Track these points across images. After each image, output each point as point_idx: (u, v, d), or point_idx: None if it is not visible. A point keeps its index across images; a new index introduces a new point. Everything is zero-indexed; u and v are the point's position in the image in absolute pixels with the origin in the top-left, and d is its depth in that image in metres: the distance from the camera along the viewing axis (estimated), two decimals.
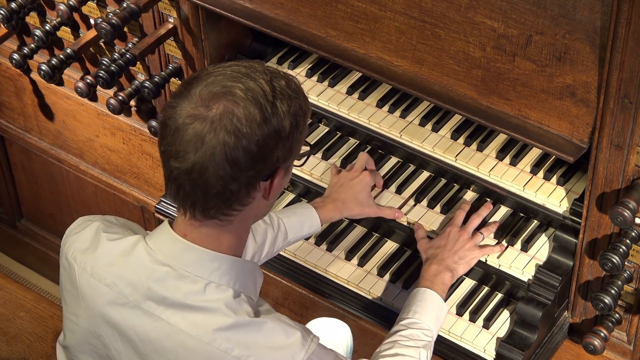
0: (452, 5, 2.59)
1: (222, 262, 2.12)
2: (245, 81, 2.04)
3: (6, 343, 3.24)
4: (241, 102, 2.01)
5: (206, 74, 2.07)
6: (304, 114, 2.10)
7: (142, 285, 2.11)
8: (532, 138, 2.57)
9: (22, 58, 3.33)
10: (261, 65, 2.10)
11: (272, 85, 2.05)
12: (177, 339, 2.09)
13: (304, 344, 2.10)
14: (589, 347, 2.63)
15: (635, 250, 2.56)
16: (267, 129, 2.02)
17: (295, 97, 2.08)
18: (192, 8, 3.03)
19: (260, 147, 2.01)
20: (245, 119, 2.00)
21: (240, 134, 1.99)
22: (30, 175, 4.11)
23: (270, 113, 2.02)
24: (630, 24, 2.23)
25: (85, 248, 2.20)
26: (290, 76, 2.14)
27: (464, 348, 2.74)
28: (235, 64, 2.09)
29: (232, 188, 2.03)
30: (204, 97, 2.01)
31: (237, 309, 2.09)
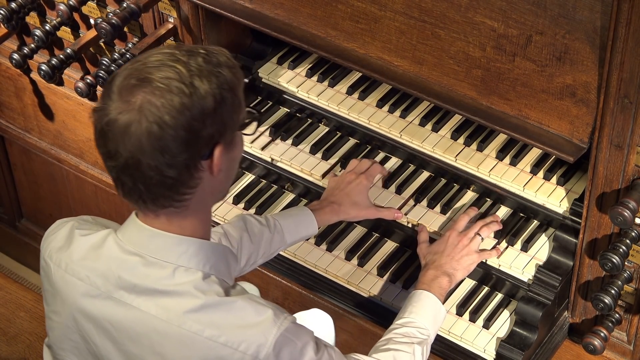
0: (452, 5, 2.59)
1: (189, 245, 2.13)
2: (162, 69, 2.03)
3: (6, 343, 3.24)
4: (157, 91, 2.00)
5: (123, 69, 2.08)
6: (231, 86, 2.08)
7: (113, 275, 2.13)
8: (532, 138, 2.57)
9: (22, 58, 3.33)
10: (179, 48, 2.10)
11: (188, 66, 2.04)
12: (149, 324, 2.10)
13: (275, 321, 2.10)
14: (589, 347, 2.63)
15: (635, 250, 2.56)
16: (190, 111, 2.01)
17: (217, 71, 2.07)
18: (192, 8, 3.03)
19: (187, 130, 2.01)
20: (164, 107, 2.00)
21: (163, 122, 2.00)
22: (30, 175, 4.11)
23: (189, 95, 2.01)
24: (630, 24, 2.23)
25: (59, 246, 2.23)
26: (212, 50, 2.12)
27: (464, 348, 2.74)
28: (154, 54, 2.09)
29: (171, 175, 2.04)
30: (121, 92, 2.03)
31: (206, 289, 2.10)
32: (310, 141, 3.10)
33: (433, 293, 2.62)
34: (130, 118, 2.00)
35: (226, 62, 2.10)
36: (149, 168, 2.02)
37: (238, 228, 2.63)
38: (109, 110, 2.03)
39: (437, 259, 2.71)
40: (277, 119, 3.18)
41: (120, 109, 2.01)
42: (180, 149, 2.02)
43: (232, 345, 2.07)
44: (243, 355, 2.07)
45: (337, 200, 2.85)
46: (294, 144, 3.10)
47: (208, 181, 2.11)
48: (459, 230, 2.79)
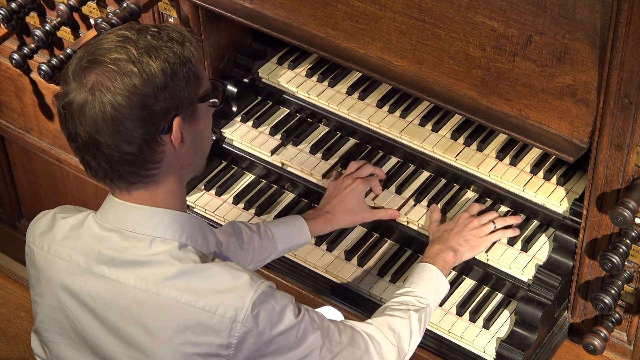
0: (452, 5, 2.59)
1: (163, 216, 2.17)
2: (113, 50, 2.08)
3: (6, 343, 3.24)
4: (108, 73, 2.05)
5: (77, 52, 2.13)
6: (182, 60, 2.11)
7: (92, 251, 2.17)
8: (532, 138, 2.57)
9: (22, 58, 3.33)
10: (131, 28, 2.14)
11: (137, 44, 2.09)
12: (128, 295, 2.14)
13: (252, 284, 2.12)
14: (589, 347, 2.63)
15: (635, 250, 2.56)
16: (139, 89, 2.05)
17: (166, 46, 2.11)
18: (192, 8, 3.03)
19: (140, 108, 2.06)
20: (115, 88, 2.04)
21: (117, 103, 2.04)
22: (30, 175, 4.11)
23: (137, 73, 2.05)
24: (630, 24, 2.23)
25: (42, 231, 2.28)
26: (163, 26, 2.16)
27: (464, 348, 2.74)
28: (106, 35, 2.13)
29: (130, 151, 2.08)
30: (75, 74, 2.08)
31: (182, 257, 2.14)
32: (310, 141, 3.10)
33: (436, 266, 2.63)
34: (83, 99, 2.06)
35: (178, 37, 2.14)
36: (107, 147, 2.07)
37: (226, 234, 2.65)
38: (66, 93, 2.09)
39: (444, 235, 2.74)
40: (277, 119, 3.18)
41: (75, 91, 2.07)
42: (135, 125, 2.06)
43: (210, 309, 2.10)
44: (221, 319, 2.09)
45: (331, 210, 2.85)
46: (294, 144, 3.10)
47: (173, 154, 2.15)
48: (471, 213, 2.80)
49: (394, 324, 2.46)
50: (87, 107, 2.05)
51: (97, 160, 2.11)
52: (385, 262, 2.91)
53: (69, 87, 2.09)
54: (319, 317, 2.26)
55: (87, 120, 2.06)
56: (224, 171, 3.16)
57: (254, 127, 3.14)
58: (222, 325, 2.10)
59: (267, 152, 3.08)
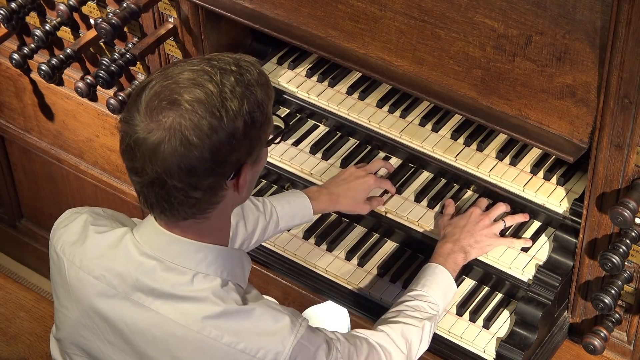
0: (452, 5, 2.59)
1: (208, 252, 2.14)
2: (193, 89, 2.01)
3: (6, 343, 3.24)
4: (187, 114, 1.98)
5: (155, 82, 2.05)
6: (261, 107, 2.07)
7: (130, 276, 2.13)
8: (532, 138, 2.57)
9: (22, 58, 3.33)
10: (210, 63, 2.06)
11: (219, 87, 2.01)
12: (166, 328, 2.11)
13: (292, 328, 2.12)
14: (589, 347, 2.63)
15: (635, 250, 2.56)
16: (218, 135, 2.00)
17: (249, 92, 2.05)
18: (192, 8, 3.03)
19: (213, 154, 2.01)
20: (193, 129, 1.98)
21: (191, 144, 1.99)
22: (30, 175, 4.11)
23: (219, 118, 1.99)
24: (630, 24, 2.23)
25: (73, 241, 2.23)
26: (244, 66, 2.08)
27: (464, 348, 2.74)
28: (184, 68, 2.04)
29: (195, 196, 2.05)
30: (152, 111, 2.01)
31: (225, 297, 2.11)
32: (310, 141, 3.10)
33: (447, 269, 2.64)
34: (158, 138, 1.99)
35: (258, 79, 2.08)
36: (174, 189, 2.03)
37: (235, 214, 2.63)
38: (136, 125, 2.01)
39: (456, 233, 2.73)
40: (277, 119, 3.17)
41: (149, 129, 2.00)
42: (206, 173, 2.02)
43: (250, 352, 2.08)
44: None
45: (337, 192, 2.85)
46: (294, 144, 3.10)
47: (231, 197, 2.12)
48: (481, 208, 2.81)
49: (407, 333, 2.47)
50: (162, 147, 1.99)
51: (157, 198, 2.06)
52: (385, 262, 2.91)
53: (139, 118, 2.01)
54: (342, 344, 2.26)
55: (159, 161, 2.00)
56: None
57: None
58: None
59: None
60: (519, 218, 2.82)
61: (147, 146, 2.00)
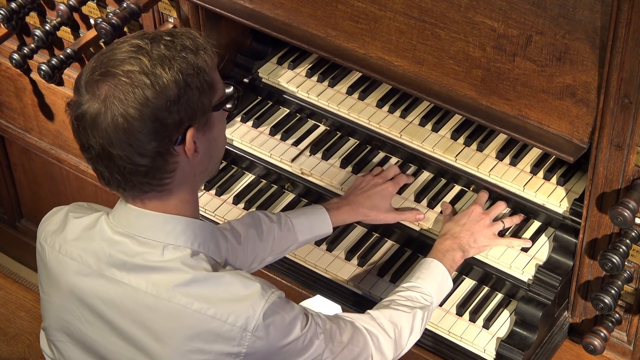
0: (452, 5, 2.59)
1: (176, 223, 2.17)
2: (125, 61, 2.06)
3: (6, 343, 3.24)
4: (120, 85, 2.04)
5: (90, 61, 2.11)
6: (196, 70, 2.09)
7: (104, 254, 2.17)
8: (532, 138, 2.57)
9: (22, 58, 3.33)
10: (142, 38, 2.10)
11: (150, 55, 2.06)
12: (139, 300, 2.14)
13: (263, 294, 2.13)
14: (589, 347, 2.63)
15: (635, 250, 2.56)
16: (152, 101, 2.04)
17: (180, 56, 2.08)
18: (192, 8, 3.03)
19: (152, 121, 2.05)
20: (127, 100, 2.03)
21: (128, 115, 2.03)
22: (30, 175, 4.11)
23: (150, 85, 2.04)
24: (630, 24, 2.23)
25: (54, 230, 2.27)
26: (177, 33, 2.13)
27: (464, 348, 2.74)
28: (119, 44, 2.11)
29: (143, 162, 2.08)
30: (88, 85, 2.07)
31: (194, 265, 2.14)
32: (310, 141, 3.10)
33: (444, 264, 2.65)
34: (96, 110, 2.05)
35: (191, 45, 2.11)
36: (119, 158, 2.07)
37: (245, 225, 2.63)
38: (79, 103, 2.08)
39: (456, 231, 2.74)
40: (277, 119, 3.18)
41: (88, 103, 2.06)
42: (148, 139, 2.05)
43: (220, 317, 2.10)
44: (232, 327, 2.10)
45: (357, 201, 2.84)
46: (294, 144, 3.10)
47: (186, 164, 2.14)
48: (482, 205, 2.81)
49: (396, 318, 2.47)
50: (100, 118, 2.04)
51: (110, 171, 2.10)
52: (385, 262, 2.91)
53: (81, 97, 2.07)
54: (322, 320, 2.27)
55: (100, 132, 2.05)
56: (224, 171, 3.16)
57: (254, 127, 3.14)
58: (232, 333, 2.10)
59: (267, 152, 3.08)
60: (516, 219, 2.83)
61: (87, 119, 2.06)
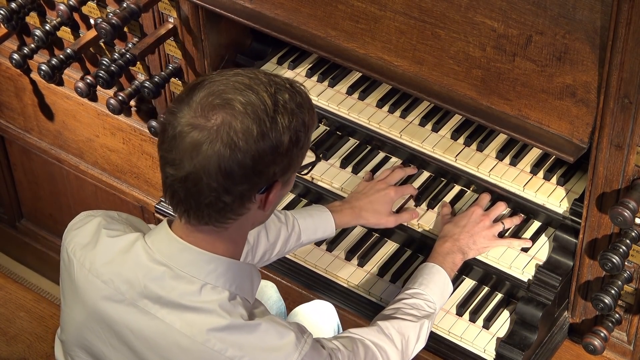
0: (452, 5, 2.59)
1: (219, 264, 2.13)
2: (247, 94, 2.02)
3: (6, 343, 3.24)
4: (239, 116, 2.00)
5: (209, 81, 2.06)
6: (306, 129, 2.09)
7: (138, 283, 2.13)
8: (532, 138, 2.57)
9: (22, 58, 3.33)
10: (267, 76, 2.08)
11: (274, 99, 2.03)
12: (171, 337, 2.10)
13: (297, 345, 2.11)
14: (589, 347, 2.63)
15: (635, 250, 2.56)
16: (264, 144, 2.01)
17: (299, 112, 2.07)
18: (192, 8, 3.03)
19: (255, 161, 2.01)
20: (242, 133, 1.99)
21: (236, 147, 1.99)
22: (30, 175, 4.11)
23: (268, 128, 2.01)
24: (630, 24, 2.23)
25: (85, 243, 2.22)
26: (297, 88, 2.11)
27: (464, 348, 2.74)
28: (240, 73, 2.07)
29: (225, 200, 2.04)
30: (204, 107, 2.01)
31: (231, 310, 2.10)
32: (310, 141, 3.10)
33: (445, 268, 2.65)
34: (205, 136, 1.99)
35: (307, 103, 2.10)
36: (207, 188, 2.02)
37: None
38: (182, 117, 2.02)
39: (456, 233, 2.74)
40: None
41: (197, 124, 2.00)
42: (242, 178, 2.02)
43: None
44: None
45: (359, 205, 2.85)
46: None
47: (254, 212, 2.12)
48: (482, 207, 2.82)
49: (404, 329, 2.47)
50: (205, 145, 1.99)
51: (186, 195, 2.05)
52: (385, 262, 2.91)
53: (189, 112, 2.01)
54: (341, 354, 2.25)
55: (199, 158, 1.99)
56: None
57: None
58: None
59: None
60: (516, 220, 2.83)
61: (191, 140, 2.00)
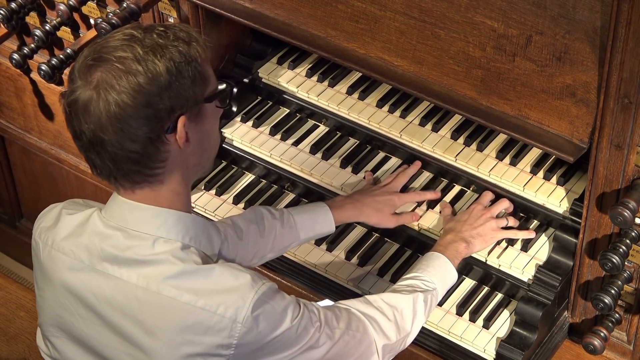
0: (452, 5, 2.59)
1: (168, 216, 2.17)
2: (119, 48, 2.08)
3: (6, 343, 3.24)
4: (114, 71, 2.05)
5: (84, 50, 2.13)
6: (189, 59, 2.11)
7: (96, 248, 2.18)
8: (532, 138, 2.57)
9: (22, 58, 3.33)
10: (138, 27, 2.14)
11: (142, 43, 2.09)
12: (130, 293, 2.15)
13: (253, 285, 2.13)
14: (589, 347, 2.63)
15: (635, 250, 2.56)
16: (146, 89, 2.06)
17: (172, 45, 2.11)
18: (192, 8, 3.03)
19: (144, 105, 2.06)
20: (121, 87, 2.05)
21: (121, 101, 2.05)
22: (30, 175, 4.11)
23: (143, 72, 2.06)
24: (630, 24, 2.23)
25: (48, 226, 2.29)
26: (171, 26, 2.16)
27: (464, 348, 2.74)
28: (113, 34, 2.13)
29: (134, 149, 2.09)
30: (81, 73, 2.09)
31: (184, 258, 2.14)
32: (310, 141, 3.10)
33: (446, 255, 2.64)
34: (88, 96, 2.06)
35: (184, 36, 2.14)
36: (111, 145, 2.08)
37: (247, 220, 2.64)
38: (72, 91, 2.09)
39: (458, 227, 2.75)
40: (277, 119, 3.18)
41: (80, 89, 2.07)
42: (139, 124, 2.07)
43: (210, 309, 2.10)
44: (221, 318, 2.10)
45: (361, 200, 2.84)
46: (294, 144, 3.10)
47: (178, 154, 2.15)
48: (484, 204, 2.81)
49: (395, 301, 2.46)
50: (92, 104, 2.06)
51: (101, 159, 2.11)
52: (385, 262, 2.91)
53: (74, 84, 2.09)
54: (316, 309, 2.27)
55: (92, 118, 2.06)
56: (224, 171, 3.16)
57: (254, 127, 3.14)
58: (222, 324, 2.10)
59: (267, 152, 3.08)
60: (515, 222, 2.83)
61: (79, 105, 2.08)
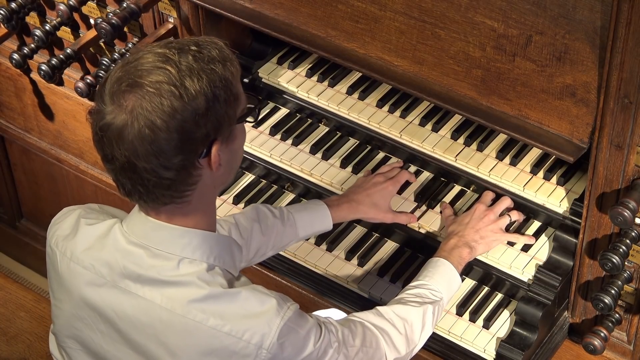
0: (452, 5, 2.59)
1: (193, 237, 2.15)
2: (152, 71, 2.03)
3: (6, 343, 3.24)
4: (147, 95, 2.01)
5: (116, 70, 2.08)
6: (224, 82, 2.07)
7: (118, 265, 2.16)
8: (532, 138, 2.57)
9: (22, 58, 3.33)
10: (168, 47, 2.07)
11: (177, 66, 2.04)
12: (153, 313, 2.13)
13: (279, 310, 2.12)
14: (589, 347, 2.63)
15: (635, 250, 2.56)
16: (181, 114, 2.02)
17: (209, 68, 2.06)
18: (192, 8, 3.03)
19: (179, 132, 2.02)
20: (154, 110, 2.00)
21: (155, 126, 2.01)
22: (30, 175, 4.11)
23: (179, 96, 2.01)
24: (630, 24, 2.23)
25: (66, 235, 2.26)
26: (203, 43, 2.11)
27: (464, 348, 2.74)
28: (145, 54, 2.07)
29: (167, 176, 2.06)
30: (114, 96, 2.03)
31: (210, 281, 2.12)
32: (310, 141, 3.10)
33: (451, 262, 2.64)
34: (122, 122, 2.02)
35: (218, 56, 2.10)
36: (144, 171, 2.04)
37: (249, 218, 2.64)
38: (103, 113, 2.04)
39: (461, 230, 2.74)
40: (277, 119, 3.18)
41: (113, 113, 2.03)
42: (174, 152, 2.03)
43: (235, 334, 2.09)
44: (247, 344, 2.09)
45: (357, 199, 2.85)
46: (294, 144, 3.10)
47: (208, 176, 2.13)
48: (486, 204, 2.81)
49: (405, 313, 2.47)
50: (127, 130, 2.01)
51: (132, 183, 2.08)
52: (385, 262, 2.91)
53: (105, 107, 2.04)
54: (335, 328, 2.26)
55: (125, 144, 2.02)
56: None
57: (254, 127, 3.14)
58: (247, 350, 2.09)
59: (267, 152, 3.08)
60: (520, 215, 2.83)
61: (113, 131, 2.03)
